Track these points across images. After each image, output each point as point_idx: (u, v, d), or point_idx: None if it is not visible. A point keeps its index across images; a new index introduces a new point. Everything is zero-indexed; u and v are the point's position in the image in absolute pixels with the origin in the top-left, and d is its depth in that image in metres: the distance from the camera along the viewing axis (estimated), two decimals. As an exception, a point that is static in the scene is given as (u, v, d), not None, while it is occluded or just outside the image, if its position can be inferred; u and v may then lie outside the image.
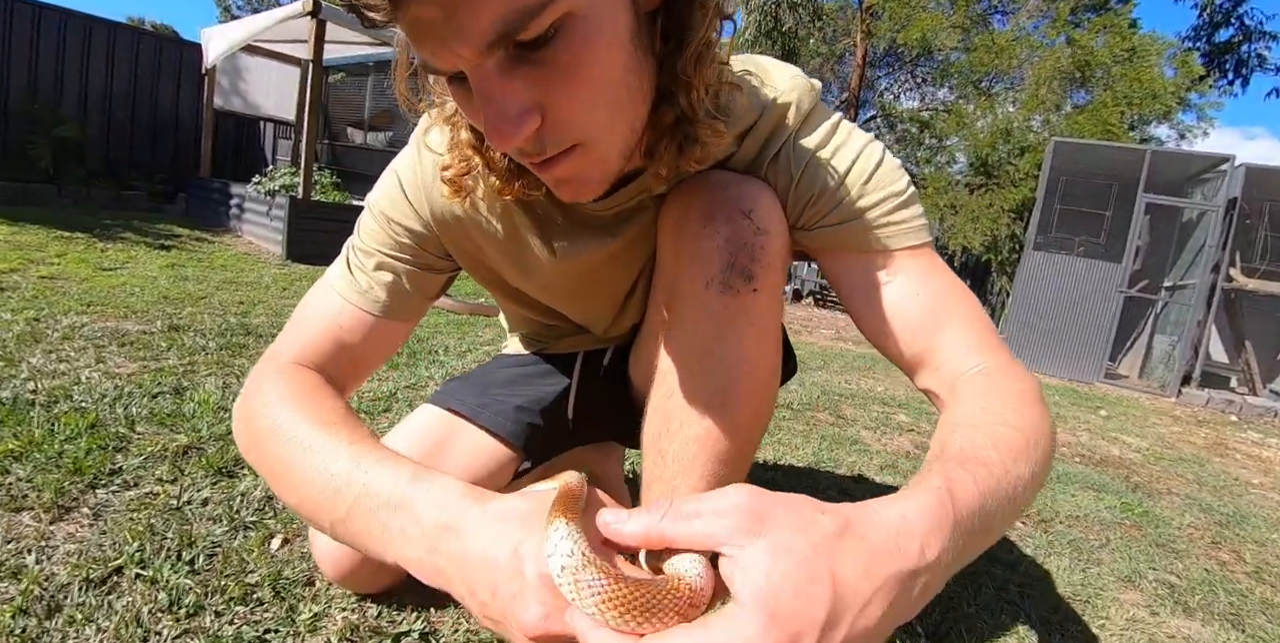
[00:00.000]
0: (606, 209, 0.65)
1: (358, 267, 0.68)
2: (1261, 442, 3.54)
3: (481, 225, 0.68)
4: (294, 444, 0.52)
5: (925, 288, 0.61)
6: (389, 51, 5.38)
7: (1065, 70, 6.93)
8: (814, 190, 0.62)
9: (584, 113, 0.46)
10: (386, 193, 0.68)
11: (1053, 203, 5.82)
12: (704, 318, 0.60)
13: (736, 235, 0.58)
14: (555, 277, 0.72)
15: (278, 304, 2.72)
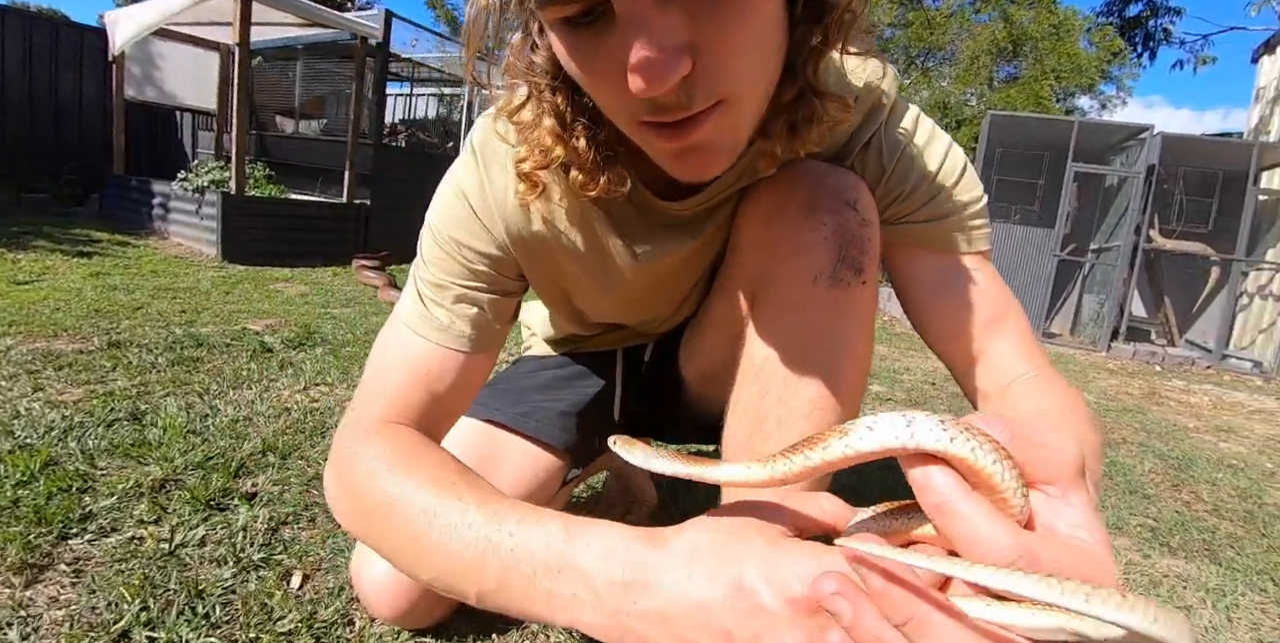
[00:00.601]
0: (689, 208, 0.62)
1: (433, 301, 0.62)
2: (1187, 388, 3.81)
3: (561, 240, 0.63)
4: (417, 514, 0.47)
5: (990, 292, 0.62)
6: (318, 33, 5.08)
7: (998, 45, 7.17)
8: (907, 184, 0.61)
9: (738, 61, 0.41)
10: (452, 214, 0.62)
11: (990, 173, 6.03)
12: (811, 313, 0.57)
13: (845, 227, 0.56)
14: (635, 284, 0.68)
15: (224, 310, 2.55)
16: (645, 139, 0.46)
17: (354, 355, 2.09)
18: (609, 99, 0.44)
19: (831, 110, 0.50)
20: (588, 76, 0.43)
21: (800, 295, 0.57)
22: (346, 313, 2.82)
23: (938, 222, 0.61)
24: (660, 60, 0.37)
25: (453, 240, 0.62)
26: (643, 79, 0.38)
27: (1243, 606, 1.18)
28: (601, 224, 0.63)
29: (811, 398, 0.57)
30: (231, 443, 1.29)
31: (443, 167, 0.69)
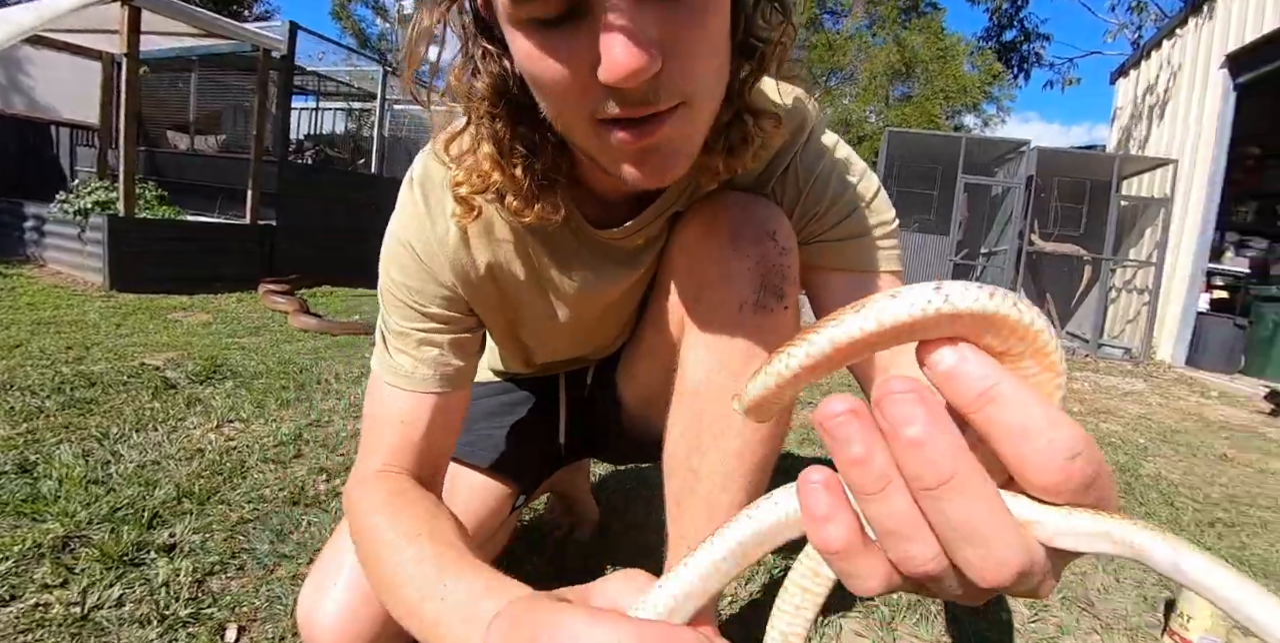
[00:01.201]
0: (625, 235, 0.64)
1: (397, 348, 0.64)
2: (1070, 376, 4.19)
3: (504, 275, 0.65)
4: (392, 564, 0.51)
5: None
6: (215, 44, 4.79)
7: (893, 66, 7.71)
8: (821, 205, 0.65)
9: (699, 65, 0.44)
10: (398, 262, 0.63)
11: (891, 185, 6.46)
12: (739, 337, 0.61)
13: (766, 257, 0.60)
14: (578, 316, 0.70)
15: (117, 345, 2.36)
16: (603, 141, 0.46)
17: (268, 388, 1.98)
18: (572, 99, 0.45)
19: (765, 127, 0.55)
20: (553, 76, 0.43)
21: (728, 322, 0.61)
22: (256, 342, 2.67)
23: (851, 240, 0.66)
24: (639, 52, 0.39)
25: (403, 287, 0.63)
26: (623, 68, 0.39)
27: (1128, 567, 1.33)
28: (542, 258, 0.65)
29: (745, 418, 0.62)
30: (140, 491, 1.21)
31: (353, 183, 0.69)
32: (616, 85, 0.40)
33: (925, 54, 7.80)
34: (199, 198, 5.03)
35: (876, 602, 1.09)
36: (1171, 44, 6.08)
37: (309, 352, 2.57)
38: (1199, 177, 5.31)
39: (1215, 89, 5.27)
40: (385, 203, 0.68)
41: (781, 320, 0.62)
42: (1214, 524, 1.67)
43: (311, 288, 4.30)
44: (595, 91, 0.42)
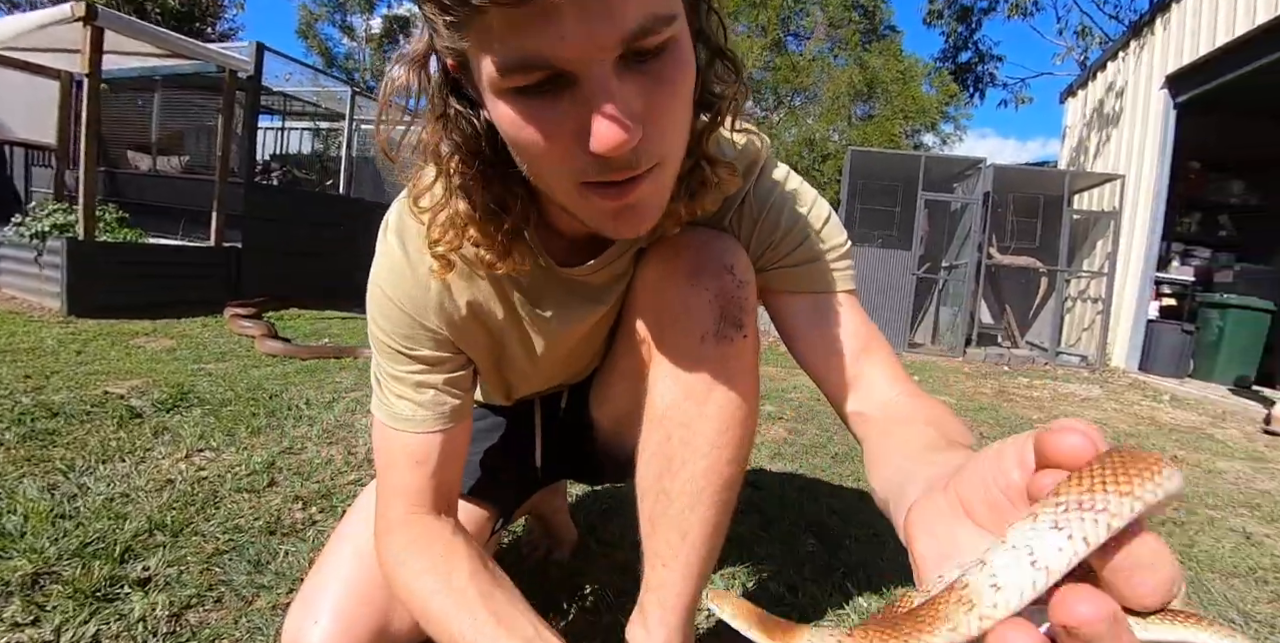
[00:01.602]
0: (591, 272, 0.68)
1: (394, 393, 0.68)
2: (1030, 384, 4.34)
3: (483, 314, 0.68)
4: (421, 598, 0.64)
5: (859, 326, 0.72)
6: (179, 64, 4.74)
7: (854, 87, 7.98)
8: (776, 234, 0.70)
9: (672, 129, 0.49)
10: (383, 311, 0.66)
11: (854, 203, 6.64)
12: (702, 365, 0.66)
13: (724, 290, 0.65)
14: (554, 348, 0.74)
15: (78, 373, 2.31)
16: (585, 201, 0.50)
17: (238, 415, 1.96)
18: (556, 163, 0.48)
19: (722, 174, 0.60)
20: (537, 142, 0.46)
21: (691, 351, 0.66)
22: (223, 368, 2.63)
23: (807, 265, 0.71)
24: (627, 127, 0.43)
25: (392, 335, 0.67)
26: (613, 142, 0.43)
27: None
28: (518, 297, 0.69)
29: (710, 438, 0.67)
30: (111, 525, 1.19)
31: (321, 204, 0.73)
32: (606, 155, 0.44)
33: (885, 75, 8.10)
34: (162, 220, 4.93)
35: (847, 609, 1.13)
36: (1115, 66, 6.40)
37: (278, 377, 2.54)
38: (1145, 190, 5.58)
39: (1157, 108, 5.56)
40: (353, 223, 0.70)
41: (740, 348, 0.67)
42: (1164, 523, 1.75)
43: (279, 310, 4.23)
44: (579, 157, 0.46)
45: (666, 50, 0.45)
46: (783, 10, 9.01)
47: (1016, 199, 6.68)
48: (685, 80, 0.48)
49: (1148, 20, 5.83)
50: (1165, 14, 5.54)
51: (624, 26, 0.41)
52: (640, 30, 0.41)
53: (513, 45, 0.41)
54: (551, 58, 0.41)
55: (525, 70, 0.42)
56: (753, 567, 1.27)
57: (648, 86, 0.44)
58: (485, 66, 0.43)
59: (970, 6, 13.85)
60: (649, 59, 0.44)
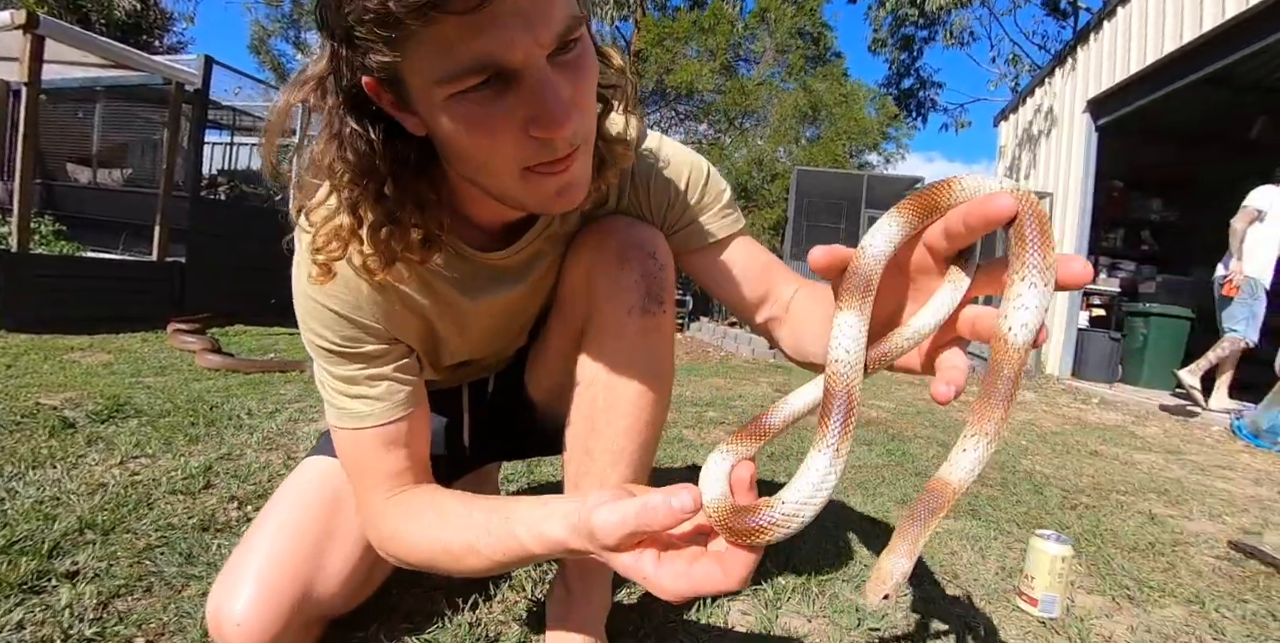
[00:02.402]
0: (510, 255, 0.75)
1: (351, 396, 0.70)
2: (968, 392, 4.51)
3: (409, 301, 0.72)
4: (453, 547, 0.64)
5: (756, 255, 0.83)
6: (123, 75, 4.64)
7: (800, 109, 8.30)
8: (668, 196, 0.79)
9: (589, 113, 0.56)
10: (317, 317, 0.69)
11: (801, 219, 6.88)
12: (628, 336, 0.74)
13: (647, 271, 0.74)
14: (481, 325, 0.80)
15: (7, 386, 2.23)
16: (528, 184, 0.56)
17: (176, 425, 1.93)
18: (504, 153, 0.53)
19: (618, 151, 0.67)
20: (488, 136, 0.51)
21: (618, 325, 0.75)
22: (162, 382, 2.57)
23: (703, 220, 0.81)
24: (567, 107, 0.50)
25: (332, 338, 0.69)
26: (561, 125, 0.49)
27: (993, 547, 1.50)
28: (440, 282, 0.73)
29: (631, 399, 0.75)
30: (40, 525, 1.18)
31: (270, 221, 0.76)
32: (554, 138, 0.51)
33: (829, 98, 8.47)
34: (102, 233, 4.79)
35: (764, 584, 1.19)
36: (1043, 91, 6.83)
37: (220, 390, 2.50)
38: (1072, 207, 5.94)
39: (1080, 130, 5.95)
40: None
41: (660, 321, 0.76)
42: (1075, 507, 1.88)
43: (224, 326, 4.15)
44: (526, 145, 0.52)
45: (579, 44, 0.52)
46: (732, 36, 9.33)
47: (955, 215, 7.00)
48: (594, 69, 0.55)
49: (1070, 49, 6.26)
50: (1085, 44, 5.97)
51: (555, 28, 0.48)
52: (566, 29, 0.49)
53: (463, 50, 0.45)
54: (500, 59, 0.46)
55: (476, 73, 0.47)
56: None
57: (572, 77, 0.52)
58: (432, 71, 0.47)
59: (911, 36, 14.61)
60: (568, 51, 0.51)
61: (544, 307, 0.86)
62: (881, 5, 13.04)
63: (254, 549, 0.77)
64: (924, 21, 13.33)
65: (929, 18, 12.70)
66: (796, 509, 0.40)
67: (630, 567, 0.47)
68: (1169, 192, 6.95)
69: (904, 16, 13.08)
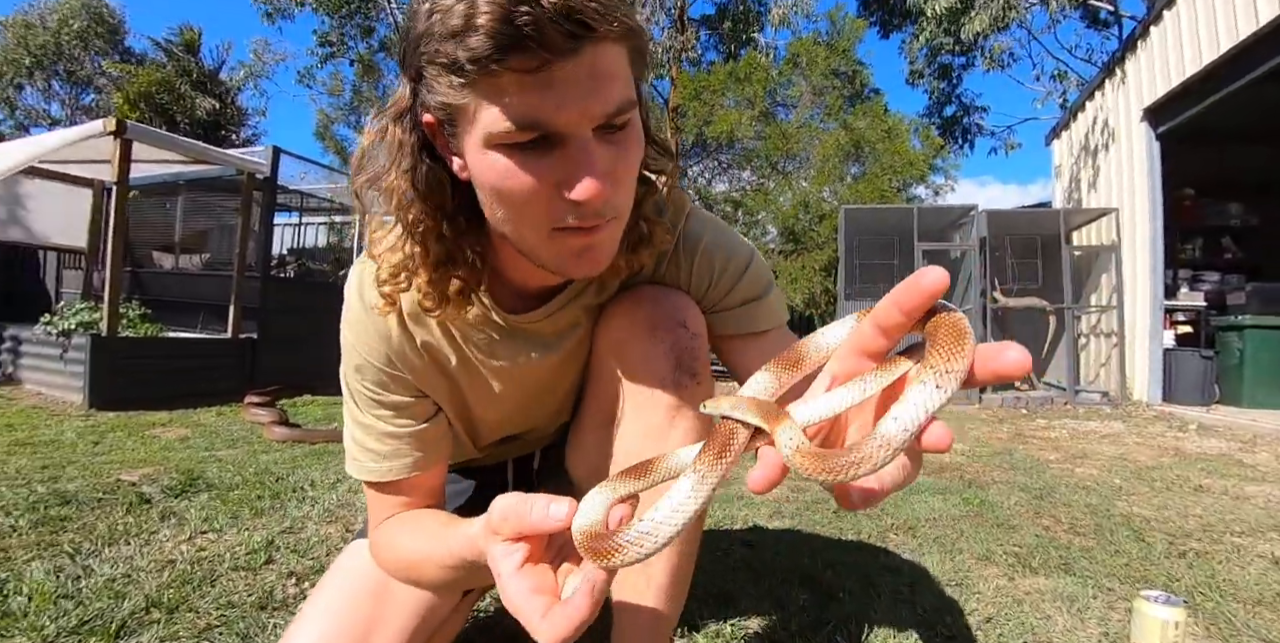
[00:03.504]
0: (539, 319, 0.75)
1: (364, 449, 0.75)
2: (1048, 426, 4.23)
3: (438, 358, 0.75)
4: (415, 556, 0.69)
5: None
6: (201, 170, 5.09)
7: (843, 148, 8.33)
8: (712, 276, 0.77)
9: (627, 189, 0.59)
10: (351, 361, 0.74)
11: (852, 259, 6.76)
12: (661, 410, 0.72)
13: (679, 342, 0.72)
14: (513, 388, 0.79)
15: (92, 463, 2.37)
16: (554, 242, 0.58)
17: (243, 498, 1.99)
18: (536, 207, 0.55)
19: (657, 232, 0.69)
20: (524, 189, 0.54)
21: (650, 397, 0.72)
22: (234, 454, 2.68)
23: (744, 306, 0.78)
24: (604, 176, 0.52)
25: (363, 381, 0.73)
26: (593, 192, 0.52)
27: (1093, 608, 1.35)
28: (468, 343, 0.74)
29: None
30: (110, 603, 1.21)
31: (334, 294, 0.81)
32: (584, 202, 0.53)
33: (871, 135, 8.46)
34: (182, 314, 5.15)
35: None
36: (1095, 104, 6.62)
37: (287, 461, 2.58)
38: (1140, 221, 5.64)
39: (1140, 140, 5.70)
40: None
41: (694, 393, 0.73)
42: (1184, 555, 1.69)
43: (293, 397, 4.33)
44: (558, 205, 0.54)
45: (628, 127, 0.55)
46: (768, 83, 9.51)
47: (1013, 241, 6.76)
48: (638, 151, 0.58)
49: (1119, 59, 6.08)
50: (1134, 52, 5.79)
51: (608, 105, 0.51)
52: (617, 110, 0.52)
53: (516, 106, 0.49)
54: (548, 121, 0.50)
55: (525, 129, 0.50)
56: (738, 622, 1.25)
57: (615, 153, 0.54)
58: (485, 120, 0.51)
59: (949, 64, 14.55)
60: (616, 131, 0.54)
61: (581, 380, 0.85)
62: (915, 38, 13.15)
63: (311, 609, 0.78)
64: (960, 49, 13.33)
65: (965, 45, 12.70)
66: (653, 529, 0.39)
67: (499, 558, 0.47)
68: (1247, 195, 6.52)
69: (939, 46, 13.12)
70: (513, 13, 0.45)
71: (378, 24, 9.72)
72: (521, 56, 0.47)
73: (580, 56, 0.48)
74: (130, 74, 15.31)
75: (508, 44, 0.46)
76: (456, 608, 0.91)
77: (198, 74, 15.59)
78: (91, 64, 16.66)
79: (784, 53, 10.15)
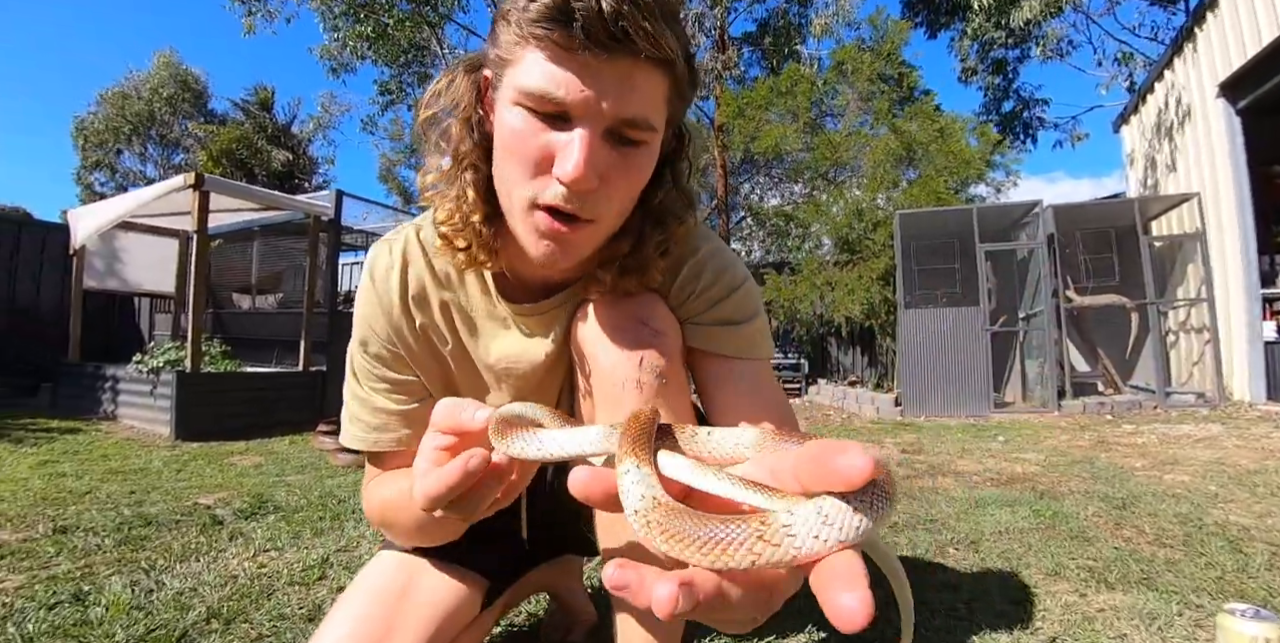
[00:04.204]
0: (533, 315, 0.77)
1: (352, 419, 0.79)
2: (1135, 431, 3.92)
3: (434, 335, 0.78)
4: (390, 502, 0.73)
5: (771, 392, 0.76)
6: (273, 215, 5.46)
7: (894, 153, 8.14)
8: (695, 286, 0.76)
9: (616, 200, 0.61)
10: (358, 330, 0.79)
11: (910, 265, 6.51)
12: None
13: (641, 340, 0.71)
14: (502, 379, 0.81)
15: (174, 488, 2.54)
16: (528, 216, 0.61)
17: (306, 519, 2.08)
18: (527, 173, 0.59)
19: (652, 272, 0.72)
20: (525, 151, 0.58)
21: (615, 399, 0.70)
22: (301, 479, 2.81)
23: (721, 326, 0.75)
24: (591, 168, 0.56)
25: (366, 352, 0.78)
26: (575, 175, 0.55)
27: (1176, 626, 1.22)
28: (462, 330, 0.78)
29: None
30: (176, 615, 1.29)
31: None
32: (564, 183, 0.57)
33: (922, 136, 8.22)
34: (259, 350, 5.50)
35: None
36: (1164, 84, 6.24)
37: (349, 485, 2.68)
38: (1225, 205, 5.24)
39: (1217, 118, 5.32)
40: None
41: (659, 391, 0.70)
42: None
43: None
44: (546, 178, 0.58)
45: (641, 147, 0.59)
46: (813, 94, 9.43)
47: (1085, 236, 6.39)
48: (639, 174, 0.62)
49: (1187, 33, 5.72)
50: (1203, 25, 5.44)
51: (626, 111, 0.56)
52: (631, 121, 0.56)
53: (548, 72, 0.55)
54: (564, 98, 0.54)
55: (546, 97, 0.55)
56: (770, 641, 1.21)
57: (615, 160, 0.58)
58: (520, 74, 0.56)
59: (1003, 58, 14.03)
60: (628, 145, 0.58)
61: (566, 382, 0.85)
62: (964, 35, 12.77)
63: (324, 637, 0.80)
64: (1013, 41, 12.85)
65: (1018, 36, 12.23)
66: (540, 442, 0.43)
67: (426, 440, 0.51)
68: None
69: (991, 40, 12.69)
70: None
71: (433, 70, 10.25)
72: (567, 32, 0.52)
73: (617, 60, 0.54)
74: (213, 133, 16.73)
75: (560, 18, 0.52)
76: (480, 618, 0.92)
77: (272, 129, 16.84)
78: (179, 127, 18.28)
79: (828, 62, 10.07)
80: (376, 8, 9.59)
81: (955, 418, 5.26)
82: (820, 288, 7.44)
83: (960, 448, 3.48)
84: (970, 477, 2.68)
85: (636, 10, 0.52)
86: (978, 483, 2.56)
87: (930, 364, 5.66)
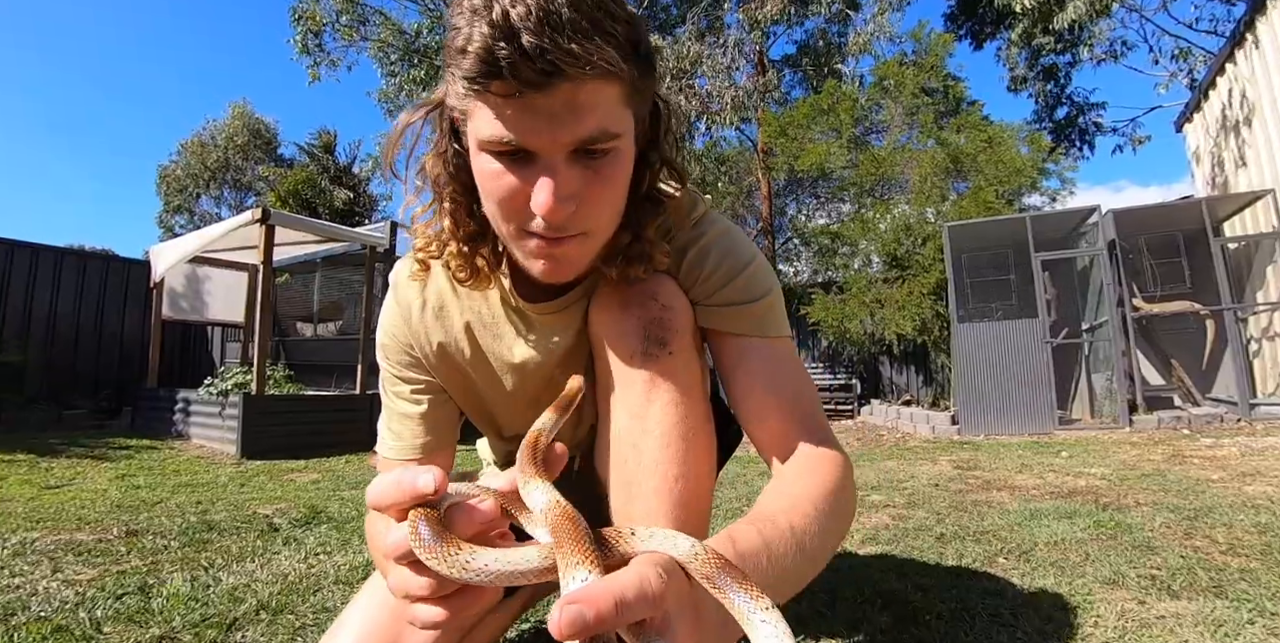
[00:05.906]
0: (551, 316, 0.79)
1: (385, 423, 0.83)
2: (1215, 444, 3.66)
3: (454, 345, 0.81)
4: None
5: (787, 376, 0.74)
6: (334, 247, 5.78)
7: (941, 166, 7.97)
8: (704, 268, 0.75)
9: (600, 212, 0.63)
10: (382, 342, 0.84)
11: (962, 279, 6.31)
12: (637, 384, 0.70)
13: (648, 312, 0.71)
14: (523, 381, 0.83)
15: (237, 499, 2.67)
16: (522, 241, 0.64)
17: (356, 529, 2.15)
18: (508, 209, 0.62)
19: (657, 256, 0.72)
20: (501, 191, 0.60)
21: (625, 373, 0.71)
22: (355, 494, 2.90)
23: (735, 306, 0.75)
24: (560, 201, 0.57)
25: (389, 360, 0.82)
26: (546, 209, 0.57)
27: (1245, 633, 1.14)
28: (484, 338, 0.80)
29: (654, 455, 0.69)
30: (229, 606, 1.37)
31: None
32: (541, 216, 0.59)
33: (970, 147, 8.04)
34: (320, 375, 5.78)
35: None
36: (1228, 77, 5.97)
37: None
38: (1303, 202, 4.92)
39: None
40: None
41: (668, 365, 0.71)
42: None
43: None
44: (525, 211, 0.60)
45: (610, 155, 0.60)
46: (855, 110, 9.39)
47: (1150, 241, 6.09)
48: (621, 177, 0.63)
49: (1249, 22, 5.47)
50: (1264, 13, 5.21)
51: (580, 133, 0.56)
52: (591, 138, 0.57)
53: (498, 120, 0.56)
54: (520, 141, 0.56)
55: (501, 143, 0.57)
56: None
57: (588, 176, 0.59)
58: (477, 125, 0.58)
59: (1053, 64, 13.61)
60: (596, 157, 0.59)
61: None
62: (1011, 43, 12.50)
63: (344, 625, 0.84)
64: (1062, 46, 12.49)
65: (1067, 41, 11.88)
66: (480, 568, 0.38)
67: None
68: None
69: (1040, 47, 12.35)
70: (495, 47, 0.52)
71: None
72: (501, 83, 0.53)
73: (554, 90, 0.54)
74: (281, 176, 17.81)
75: (491, 71, 0.53)
76: (494, 612, 0.93)
77: (334, 170, 17.80)
78: (251, 171, 19.58)
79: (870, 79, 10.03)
80: (430, 53, 10.16)
81: (1017, 436, 5.02)
82: (870, 305, 7.30)
83: (1019, 464, 3.33)
84: (1028, 490, 2.56)
85: (560, 36, 0.51)
86: (1035, 496, 2.44)
87: (988, 380, 5.44)
